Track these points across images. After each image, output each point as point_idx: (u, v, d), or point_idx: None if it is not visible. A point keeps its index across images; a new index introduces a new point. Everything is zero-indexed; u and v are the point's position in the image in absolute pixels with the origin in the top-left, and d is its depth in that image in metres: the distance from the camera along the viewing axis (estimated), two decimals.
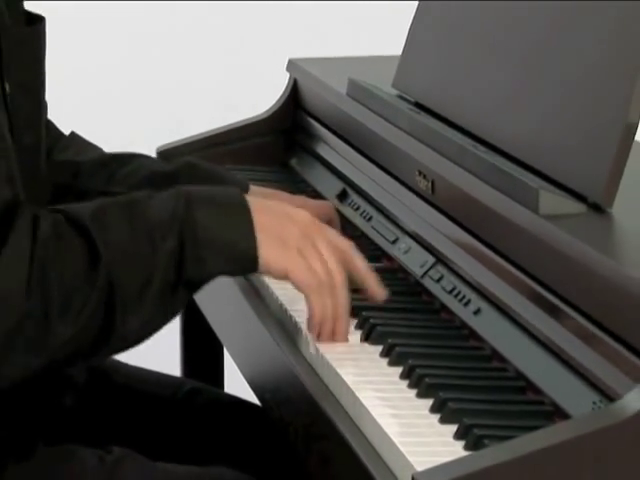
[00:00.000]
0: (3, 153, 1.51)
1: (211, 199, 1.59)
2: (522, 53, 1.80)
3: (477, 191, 1.70)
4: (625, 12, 1.62)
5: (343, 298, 1.63)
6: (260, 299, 1.83)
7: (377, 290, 1.69)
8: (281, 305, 1.76)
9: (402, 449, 1.39)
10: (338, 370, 1.58)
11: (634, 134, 1.57)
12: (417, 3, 2.09)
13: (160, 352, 2.38)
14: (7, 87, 1.63)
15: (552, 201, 1.58)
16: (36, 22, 1.72)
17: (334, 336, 1.64)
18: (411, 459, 1.36)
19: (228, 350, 2.04)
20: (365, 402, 1.49)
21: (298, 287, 1.63)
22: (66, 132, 2.02)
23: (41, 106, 1.75)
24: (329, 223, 1.86)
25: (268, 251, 1.60)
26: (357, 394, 1.51)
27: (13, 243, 1.45)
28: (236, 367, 1.93)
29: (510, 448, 1.30)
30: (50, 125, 1.97)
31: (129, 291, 1.51)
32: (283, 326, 1.75)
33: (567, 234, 1.52)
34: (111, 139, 2.73)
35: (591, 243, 1.49)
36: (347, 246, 1.68)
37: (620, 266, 1.43)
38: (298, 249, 1.61)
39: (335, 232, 1.71)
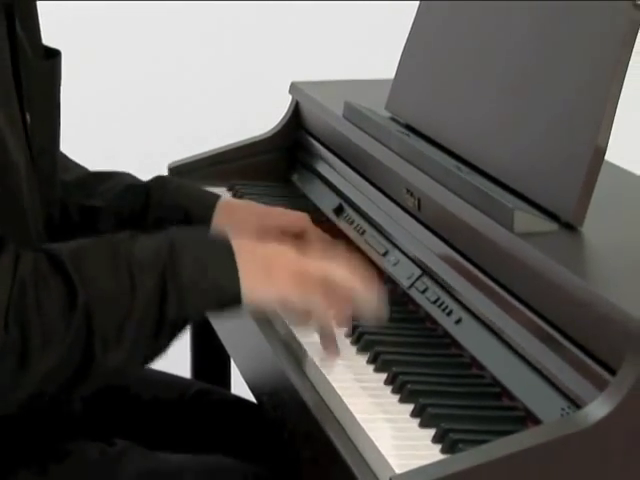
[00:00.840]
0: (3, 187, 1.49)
1: (196, 242, 1.53)
2: (504, 83, 1.79)
3: (458, 209, 1.70)
4: (592, 47, 1.62)
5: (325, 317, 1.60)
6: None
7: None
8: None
9: (383, 451, 1.39)
10: (327, 376, 1.58)
11: (602, 159, 1.56)
12: None
13: (170, 354, 2.37)
14: (28, 117, 1.62)
15: (526, 220, 1.58)
16: (53, 56, 1.71)
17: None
18: (391, 461, 1.37)
19: (230, 354, 2.04)
20: (351, 407, 1.49)
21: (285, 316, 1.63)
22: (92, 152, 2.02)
23: (57, 133, 1.74)
24: (302, 233, 1.85)
25: (252, 287, 1.52)
26: (344, 399, 1.51)
27: None
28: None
29: (482, 452, 1.31)
30: None
31: (107, 327, 1.44)
32: (278, 333, 1.75)
33: (538, 251, 1.52)
34: (126, 155, 2.76)
35: (560, 260, 1.49)
36: (326, 267, 1.59)
37: (586, 282, 1.43)
38: (281, 280, 1.55)
39: (314, 258, 1.61)
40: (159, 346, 1.51)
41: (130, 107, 3.12)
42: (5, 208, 1.50)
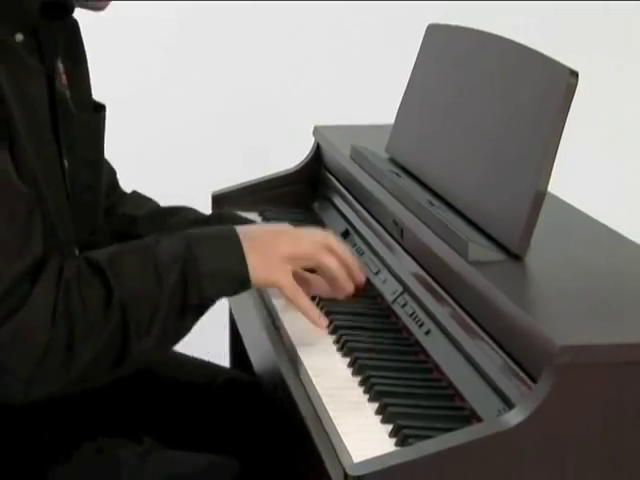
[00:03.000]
0: (41, 217, 1.48)
1: (207, 237, 1.55)
2: (470, 137, 1.78)
3: (428, 239, 1.69)
4: (537, 107, 1.61)
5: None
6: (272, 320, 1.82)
7: (357, 274, 1.68)
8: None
9: (346, 442, 1.39)
10: (313, 379, 1.57)
11: (542, 200, 1.55)
12: None
13: (210, 343, 2.37)
14: (66, 163, 1.62)
15: (478, 250, 1.56)
16: (99, 109, 1.72)
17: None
18: (351, 451, 1.36)
19: (245, 343, 2.03)
20: (327, 406, 1.49)
21: (284, 294, 1.61)
22: (133, 182, 2.02)
23: (100, 174, 1.73)
24: None
25: (257, 270, 1.55)
26: (323, 399, 1.51)
27: (41, 286, 1.41)
28: None
29: (417, 448, 1.30)
30: (117, 186, 1.96)
31: (140, 318, 1.45)
32: (277, 331, 1.74)
33: (485, 278, 1.50)
34: (176, 187, 2.78)
35: (502, 286, 1.48)
36: (329, 237, 1.64)
37: (520, 307, 1.41)
38: (283, 260, 1.57)
39: (317, 232, 1.67)
40: (183, 329, 1.53)
41: (185, 146, 3.12)
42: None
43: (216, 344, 2.38)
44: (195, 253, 1.51)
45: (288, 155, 2.39)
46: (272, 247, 1.57)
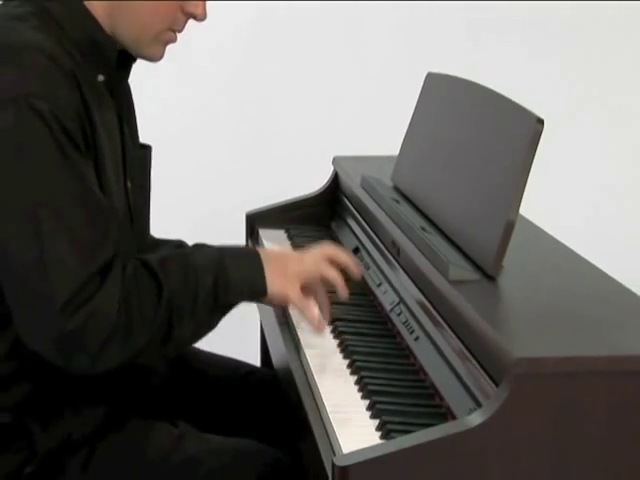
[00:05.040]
0: (116, 225, 1.52)
1: (236, 254, 1.61)
2: (456, 172, 1.78)
3: (417, 259, 1.68)
4: (508, 149, 1.60)
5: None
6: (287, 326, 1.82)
7: (355, 270, 1.69)
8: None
9: (338, 434, 1.39)
10: (316, 377, 1.57)
11: (513, 228, 1.54)
12: None
13: (245, 345, 2.38)
14: (129, 184, 1.65)
15: (457, 271, 1.55)
16: (146, 148, 1.77)
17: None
18: (341, 442, 1.36)
19: (267, 340, 2.03)
20: (326, 402, 1.48)
21: (293, 305, 1.64)
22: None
23: (149, 202, 1.77)
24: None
25: (273, 285, 1.60)
26: (322, 394, 1.51)
27: (110, 282, 1.46)
28: None
29: (396, 442, 1.30)
30: None
31: (182, 311, 1.52)
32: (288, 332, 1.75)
33: (461, 295, 1.49)
34: (214, 206, 2.81)
35: (475, 302, 1.47)
36: (326, 248, 1.68)
37: (487, 322, 1.40)
38: (293, 277, 1.61)
39: (316, 249, 1.69)
40: (211, 324, 1.57)
41: (221, 170, 3.12)
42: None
43: (251, 347, 2.39)
44: (226, 265, 1.57)
45: (311, 181, 2.39)
46: (285, 267, 1.62)
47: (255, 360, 2.21)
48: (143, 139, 1.78)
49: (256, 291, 1.59)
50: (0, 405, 1.53)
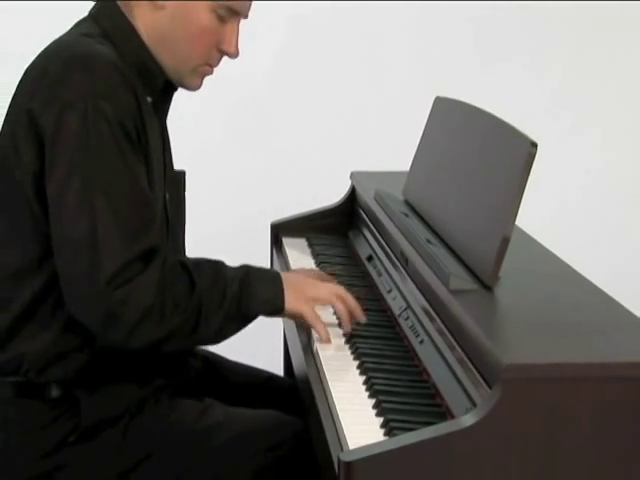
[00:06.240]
0: (159, 220, 1.59)
1: (261, 272, 1.65)
2: (457, 191, 1.78)
3: (422, 269, 1.68)
4: (504, 170, 1.60)
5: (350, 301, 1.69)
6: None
7: (359, 315, 1.71)
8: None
9: (345, 430, 1.38)
10: (327, 375, 1.57)
11: (508, 243, 1.54)
12: None
13: (270, 356, 2.38)
14: (167, 196, 1.69)
15: (457, 281, 1.55)
16: (180, 173, 1.83)
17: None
18: (348, 438, 1.36)
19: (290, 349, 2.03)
20: (336, 401, 1.48)
21: (307, 323, 1.66)
22: None
23: (183, 224, 1.84)
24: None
25: (290, 304, 1.64)
26: (333, 393, 1.50)
27: (151, 268, 1.51)
28: None
29: (399, 440, 1.29)
30: None
31: (210, 309, 1.56)
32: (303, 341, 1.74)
33: (459, 303, 1.49)
34: (241, 217, 2.82)
35: (472, 311, 1.46)
36: (340, 289, 1.70)
37: (482, 329, 1.40)
38: (308, 299, 1.65)
39: (333, 285, 1.73)
40: (231, 330, 1.60)
41: (248, 185, 3.13)
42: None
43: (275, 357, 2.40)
44: (251, 280, 1.61)
45: (330, 194, 2.39)
46: (302, 290, 1.66)
47: (279, 371, 2.21)
48: (175, 152, 1.79)
49: (275, 307, 1.63)
50: (53, 378, 1.57)
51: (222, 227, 2.96)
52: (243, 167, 3.07)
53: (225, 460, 1.61)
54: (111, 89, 1.50)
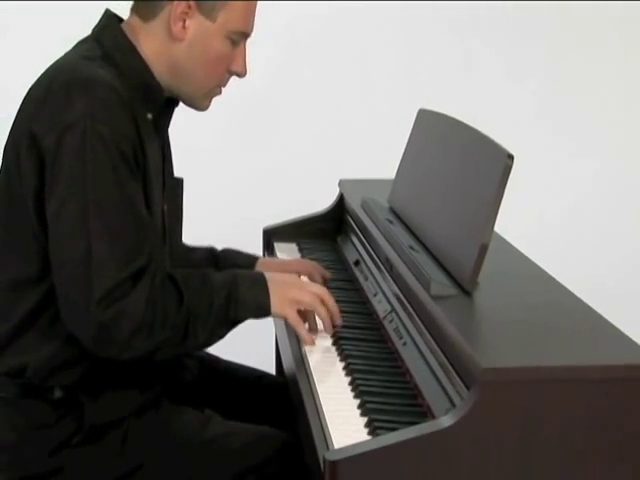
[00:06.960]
0: (153, 239, 1.56)
1: (247, 277, 1.63)
2: (440, 199, 1.77)
3: (405, 274, 1.68)
4: (482, 182, 1.59)
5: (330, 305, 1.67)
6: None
7: (337, 318, 1.69)
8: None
9: (330, 429, 1.38)
10: (314, 376, 1.57)
11: (486, 250, 1.53)
12: None
13: (262, 355, 2.37)
14: (165, 207, 1.68)
15: (438, 287, 1.55)
16: (178, 180, 1.79)
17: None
18: (333, 437, 1.36)
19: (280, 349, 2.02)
20: (322, 401, 1.48)
21: (289, 323, 1.66)
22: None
23: (180, 227, 1.80)
24: (310, 277, 1.87)
25: (275, 307, 1.63)
26: (320, 396, 1.50)
27: (140, 287, 1.50)
28: None
29: (381, 440, 1.29)
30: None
31: (198, 319, 1.55)
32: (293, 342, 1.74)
33: (439, 308, 1.49)
34: (234, 223, 2.80)
35: (452, 315, 1.46)
36: (321, 291, 1.68)
37: (459, 333, 1.40)
38: (292, 302, 1.64)
39: (315, 285, 1.71)
40: (220, 335, 1.59)
41: (241, 194, 3.11)
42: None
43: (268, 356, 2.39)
44: (238, 286, 1.60)
45: (320, 200, 2.38)
46: (286, 292, 1.64)
47: (271, 369, 2.21)
48: (175, 157, 1.79)
49: (261, 310, 1.62)
50: (57, 383, 1.57)
51: (217, 232, 2.94)
52: (236, 175, 3.06)
53: (223, 471, 1.60)
54: (109, 113, 1.48)
